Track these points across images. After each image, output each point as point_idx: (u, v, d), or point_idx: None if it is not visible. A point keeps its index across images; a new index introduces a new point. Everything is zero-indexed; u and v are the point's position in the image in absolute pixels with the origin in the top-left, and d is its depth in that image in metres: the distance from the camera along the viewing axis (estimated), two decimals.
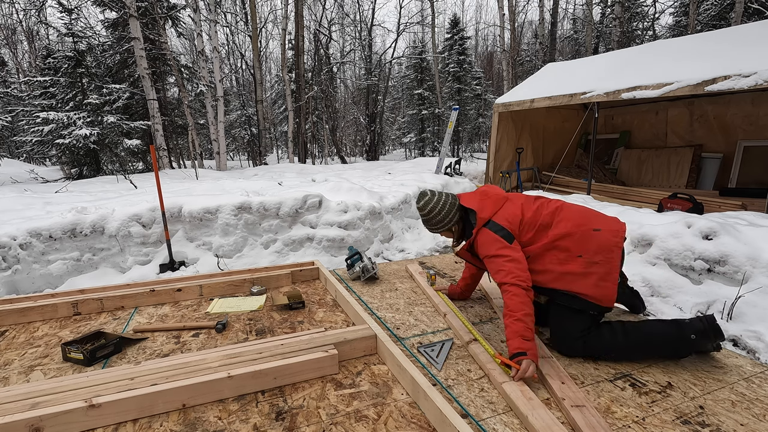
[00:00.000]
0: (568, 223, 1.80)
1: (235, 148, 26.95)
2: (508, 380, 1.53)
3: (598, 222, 1.81)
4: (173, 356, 1.71)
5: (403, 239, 5.42)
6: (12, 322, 2.18)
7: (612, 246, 1.74)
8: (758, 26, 5.87)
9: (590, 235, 1.76)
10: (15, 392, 1.40)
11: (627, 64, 6.67)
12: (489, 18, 45.32)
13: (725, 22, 14.57)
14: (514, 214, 1.86)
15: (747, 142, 6.74)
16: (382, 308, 2.35)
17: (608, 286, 1.70)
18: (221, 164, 12.64)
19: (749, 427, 1.33)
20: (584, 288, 1.71)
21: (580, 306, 1.73)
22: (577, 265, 1.72)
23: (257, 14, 18.35)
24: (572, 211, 1.86)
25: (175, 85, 14.10)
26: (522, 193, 2.11)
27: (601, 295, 1.70)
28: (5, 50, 20.37)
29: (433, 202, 2.03)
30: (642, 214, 4.03)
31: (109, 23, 13.40)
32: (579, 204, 1.96)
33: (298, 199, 4.94)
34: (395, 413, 1.39)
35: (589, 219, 1.83)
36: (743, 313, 2.66)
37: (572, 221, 1.80)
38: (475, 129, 23.79)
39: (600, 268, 1.71)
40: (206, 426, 1.34)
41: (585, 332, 1.73)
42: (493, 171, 8.21)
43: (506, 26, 17.99)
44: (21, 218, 4.25)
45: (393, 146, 35.20)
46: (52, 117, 9.60)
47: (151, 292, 2.42)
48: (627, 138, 8.63)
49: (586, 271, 1.71)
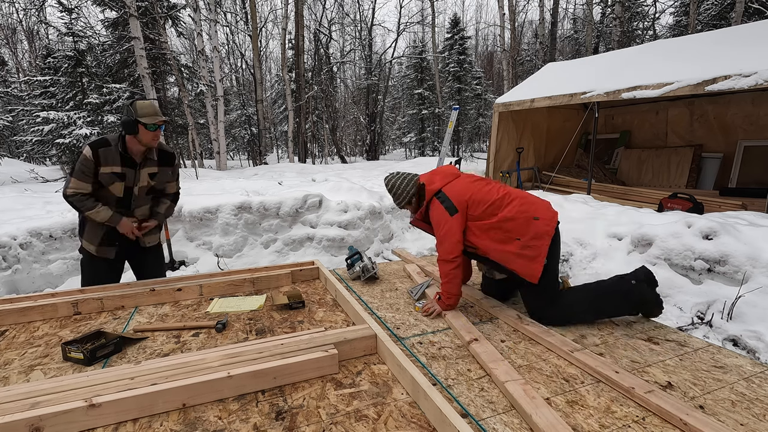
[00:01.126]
0: (513, 208, 2.05)
1: (235, 148, 26.96)
2: (511, 380, 1.53)
3: (537, 210, 2.07)
4: (173, 356, 1.71)
5: (403, 239, 5.42)
6: (12, 322, 2.18)
7: (544, 234, 2.01)
8: (758, 26, 5.88)
9: (530, 222, 2.02)
10: (15, 392, 1.40)
11: (627, 64, 6.68)
12: (489, 18, 45.36)
13: (725, 22, 14.57)
14: (462, 190, 2.13)
15: (747, 142, 6.74)
16: (382, 308, 2.35)
17: (534, 267, 1.99)
18: (221, 164, 12.64)
19: (749, 427, 1.33)
20: (516, 266, 2.02)
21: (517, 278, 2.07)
22: (514, 246, 2.02)
23: (257, 14, 18.35)
24: (518, 197, 2.13)
25: (175, 84, 14.11)
26: (475, 174, 2.36)
27: (528, 274, 2.00)
28: (5, 50, 20.37)
29: (395, 178, 2.31)
30: (642, 214, 4.03)
31: (109, 23, 13.41)
32: (527, 192, 2.24)
33: (298, 199, 4.94)
34: (395, 413, 1.39)
35: (531, 206, 2.08)
36: (743, 313, 2.66)
37: (517, 207, 2.06)
38: (475, 129, 23.80)
39: (530, 252, 1.99)
40: (206, 426, 1.34)
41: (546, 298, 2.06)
42: (493, 171, 8.21)
43: (506, 26, 17.99)
44: (21, 218, 4.25)
45: (393, 146, 35.20)
46: (52, 117, 9.60)
47: (151, 291, 2.42)
48: (627, 138, 8.63)
49: (520, 252, 2.00)
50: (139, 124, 2.28)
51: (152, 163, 2.47)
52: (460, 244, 2.08)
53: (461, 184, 2.17)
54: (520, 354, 1.82)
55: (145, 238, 2.59)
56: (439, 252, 2.12)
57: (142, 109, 2.28)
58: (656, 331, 2.04)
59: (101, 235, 2.44)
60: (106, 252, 2.49)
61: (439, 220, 2.11)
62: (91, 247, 2.46)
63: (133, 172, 2.40)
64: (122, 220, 2.41)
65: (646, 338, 1.96)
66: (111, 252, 2.50)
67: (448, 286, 2.12)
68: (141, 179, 2.44)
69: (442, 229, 2.10)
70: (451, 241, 2.07)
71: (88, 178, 2.29)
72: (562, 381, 1.60)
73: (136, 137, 2.32)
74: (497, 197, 2.10)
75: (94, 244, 2.45)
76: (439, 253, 2.13)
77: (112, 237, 2.47)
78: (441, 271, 2.11)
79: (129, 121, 2.27)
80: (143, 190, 2.49)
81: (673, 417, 1.34)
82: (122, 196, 2.40)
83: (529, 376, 1.64)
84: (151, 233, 2.63)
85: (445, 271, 2.10)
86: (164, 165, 2.55)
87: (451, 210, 2.08)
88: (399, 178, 2.30)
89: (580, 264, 3.63)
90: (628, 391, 1.49)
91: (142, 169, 2.43)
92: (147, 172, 2.45)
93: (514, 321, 2.09)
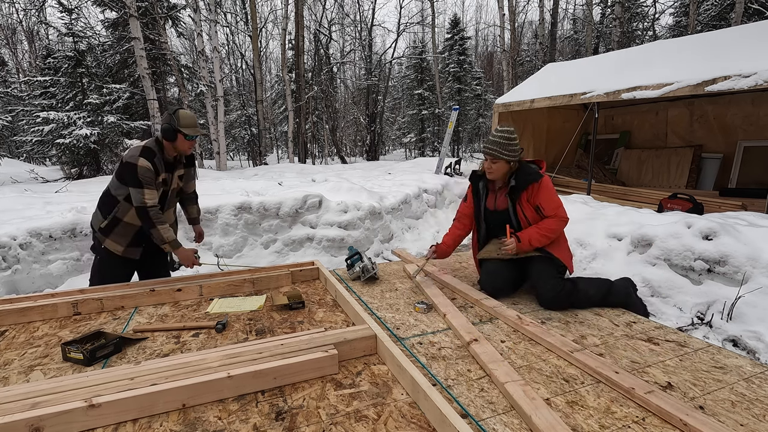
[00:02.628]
0: None
1: (235, 148, 26.95)
2: (511, 380, 1.53)
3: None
4: (173, 356, 1.71)
5: (403, 239, 5.42)
6: (12, 322, 2.18)
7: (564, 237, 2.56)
8: (758, 26, 5.88)
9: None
10: (15, 392, 1.40)
11: (627, 64, 6.67)
12: (489, 18, 45.36)
13: (725, 22, 14.57)
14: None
15: (747, 142, 6.74)
16: (382, 308, 2.35)
17: (570, 260, 2.51)
18: (221, 164, 12.64)
19: (749, 427, 1.33)
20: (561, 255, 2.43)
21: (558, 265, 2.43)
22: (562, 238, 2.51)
23: (257, 14, 18.35)
24: None
25: (175, 85, 14.11)
26: None
27: (569, 264, 2.47)
28: (5, 50, 20.37)
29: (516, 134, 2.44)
30: (642, 215, 4.03)
31: (109, 23, 13.40)
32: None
33: (298, 199, 4.94)
34: (395, 413, 1.39)
35: None
36: (743, 314, 2.66)
37: None
38: (475, 129, 23.80)
39: (566, 246, 2.51)
40: (206, 426, 1.34)
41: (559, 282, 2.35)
42: None
43: (506, 26, 17.99)
44: (21, 218, 4.25)
45: (393, 146, 35.21)
46: (52, 117, 9.59)
47: (151, 291, 2.42)
48: (627, 138, 8.63)
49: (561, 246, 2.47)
50: (179, 133, 2.40)
51: (180, 166, 2.61)
52: None
53: None
54: (520, 354, 1.82)
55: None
56: (562, 213, 2.40)
57: (185, 119, 2.41)
58: (656, 331, 2.04)
59: (132, 234, 2.49)
60: (133, 252, 2.54)
61: (554, 191, 2.43)
62: (119, 248, 2.49)
63: (171, 177, 2.53)
64: (181, 248, 2.49)
65: (646, 339, 1.96)
66: (137, 252, 2.56)
67: (544, 239, 2.38)
68: (173, 182, 2.56)
69: (557, 198, 2.42)
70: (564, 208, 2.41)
71: (154, 188, 2.38)
72: (562, 381, 1.60)
73: (173, 144, 2.44)
74: None
75: (122, 245, 2.49)
76: (560, 214, 2.39)
77: (140, 238, 2.51)
78: (552, 228, 2.37)
79: (170, 128, 2.39)
80: (174, 192, 2.61)
81: (673, 417, 1.34)
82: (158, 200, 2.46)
83: (529, 376, 1.64)
84: None
85: (557, 229, 2.39)
86: (189, 166, 2.71)
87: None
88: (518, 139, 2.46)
89: (580, 264, 3.63)
90: (628, 391, 1.49)
91: (175, 172, 2.56)
92: (177, 174, 2.59)
93: (514, 321, 2.09)
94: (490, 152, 2.40)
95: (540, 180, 2.39)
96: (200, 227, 3.03)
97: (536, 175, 2.39)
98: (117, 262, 2.55)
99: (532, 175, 2.40)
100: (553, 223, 2.38)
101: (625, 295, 2.38)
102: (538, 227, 2.38)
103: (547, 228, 2.36)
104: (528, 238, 2.36)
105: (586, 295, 2.31)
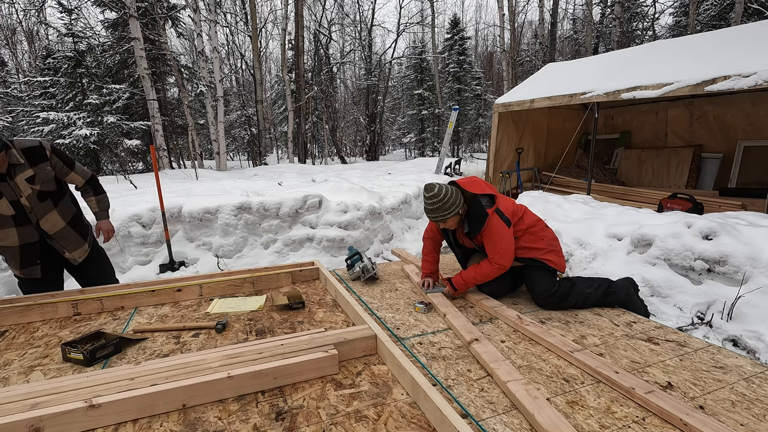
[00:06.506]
0: (529, 216, 2.51)
1: (235, 148, 26.97)
2: (513, 380, 1.53)
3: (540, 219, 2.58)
4: (173, 356, 1.71)
5: (403, 239, 5.42)
6: (12, 323, 2.18)
7: (555, 236, 2.56)
8: (758, 26, 5.87)
9: (545, 226, 2.54)
10: (15, 392, 1.40)
11: (627, 64, 6.67)
12: (489, 18, 45.38)
13: (725, 22, 14.58)
14: (507, 202, 2.44)
15: (747, 142, 6.74)
16: (382, 308, 2.35)
17: (561, 260, 2.48)
18: (221, 164, 12.65)
19: (749, 427, 1.33)
20: (549, 259, 2.41)
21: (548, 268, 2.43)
22: (543, 244, 2.43)
23: (257, 14, 18.35)
24: (521, 205, 2.56)
25: (175, 85, 14.12)
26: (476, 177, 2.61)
27: (560, 264, 2.46)
28: (5, 50, 20.37)
29: (443, 190, 2.35)
30: (642, 215, 4.03)
31: (109, 23, 13.41)
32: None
33: (298, 200, 4.94)
34: (395, 413, 1.39)
35: (535, 215, 2.57)
36: (743, 314, 2.66)
37: (530, 215, 2.52)
38: (475, 129, 23.81)
39: (555, 248, 2.47)
40: (206, 426, 1.34)
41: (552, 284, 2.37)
42: (493, 171, 8.21)
43: (506, 26, 17.99)
44: None
45: (393, 146, 35.22)
46: (52, 117, 9.60)
47: (151, 292, 2.42)
48: (627, 138, 8.63)
49: (548, 249, 2.42)
50: None
51: (23, 167, 2.20)
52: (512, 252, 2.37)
53: (505, 199, 2.47)
54: (520, 354, 1.82)
55: (73, 254, 2.46)
56: (500, 260, 2.31)
57: None
58: (656, 331, 2.04)
59: (18, 256, 2.30)
60: (31, 272, 2.38)
61: (501, 233, 2.31)
62: (17, 272, 2.37)
63: (6, 185, 2.17)
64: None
65: (646, 338, 1.96)
66: (36, 271, 2.38)
67: (481, 281, 2.40)
68: (22, 188, 2.21)
69: (504, 241, 2.31)
70: (511, 251, 2.34)
71: None
72: (563, 381, 1.60)
73: None
74: (516, 207, 2.46)
75: (17, 268, 2.35)
76: (498, 262, 2.32)
77: (29, 256, 2.32)
78: (486, 272, 2.35)
79: None
80: (32, 198, 2.25)
81: (673, 417, 1.34)
82: (15, 212, 2.21)
83: (529, 376, 1.64)
84: (74, 247, 2.46)
85: (492, 275, 2.36)
86: (37, 163, 2.27)
87: (508, 222, 2.33)
88: (447, 190, 2.34)
89: (579, 264, 3.63)
90: (629, 391, 1.49)
91: (16, 178, 2.19)
92: (23, 179, 2.21)
93: (514, 321, 2.09)
94: (439, 219, 2.36)
95: (485, 223, 2.32)
96: (106, 223, 2.66)
97: (482, 218, 2.32)
98: (32, 283, 2.43)
99: (479, 218, 2.34)
100: (488, 269, 2.35)
101: (625, 295, 2.39)
102: (475, 271, 2.38)
103: (482, 273, 2.36)
104: (464, 282, 2.41)
105: (583, 294, 2.33)
